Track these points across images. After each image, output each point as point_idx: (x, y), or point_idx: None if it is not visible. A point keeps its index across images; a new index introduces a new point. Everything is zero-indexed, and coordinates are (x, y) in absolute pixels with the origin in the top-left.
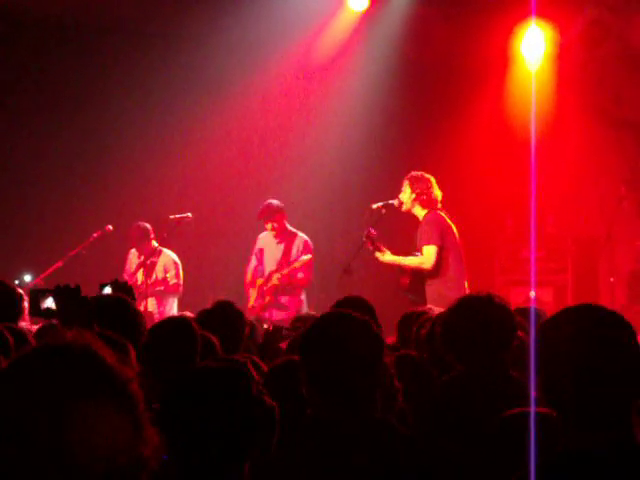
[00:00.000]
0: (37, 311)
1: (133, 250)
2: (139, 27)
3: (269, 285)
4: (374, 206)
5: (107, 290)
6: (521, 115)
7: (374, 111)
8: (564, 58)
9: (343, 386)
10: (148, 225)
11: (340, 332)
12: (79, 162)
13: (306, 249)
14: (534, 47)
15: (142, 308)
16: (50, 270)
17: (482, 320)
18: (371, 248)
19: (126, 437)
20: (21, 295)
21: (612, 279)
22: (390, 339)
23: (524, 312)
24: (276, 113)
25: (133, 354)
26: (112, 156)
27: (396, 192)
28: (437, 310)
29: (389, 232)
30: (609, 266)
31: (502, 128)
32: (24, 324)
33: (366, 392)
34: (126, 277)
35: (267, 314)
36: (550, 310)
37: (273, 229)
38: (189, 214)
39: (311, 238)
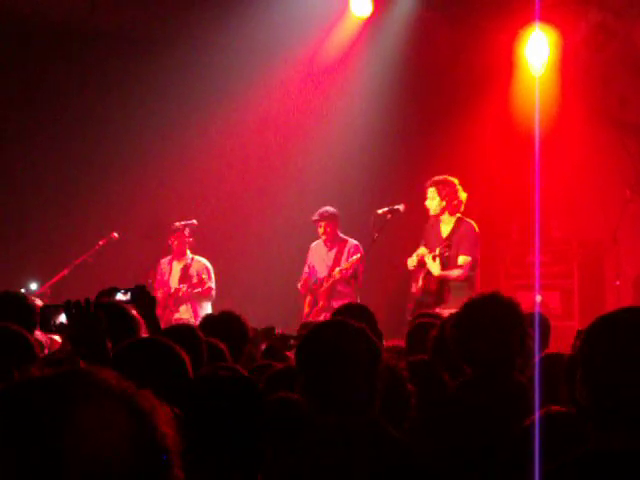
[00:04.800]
0: (48, 327)
1: (163, 260)
2: (141, 33)
3: (322, 289)
4: (379, 211)
5: (119, 296)
6: (525, 119)
7: (378, 116)
8: (568, 62)
9: (338, 393)
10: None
11: (336, 339)
12: (84, 170)
13: (356, 251)
14: (538, 51)
15: (178, 314)
16: (56, 278)
17: (488, 322)
18: (445, 254)
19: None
20: (36, 305)
21: (618, 282)
22: (392, 342)
23: (528, 318)
24: (280, 118)
25: None
26: (117, 164)
27: (402, 197)
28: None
29: (394, 237)
30: (615, 269)
31: (506, 132)
32: (38, 334)
33: (362, 398)
34: (157, 287)
35: (322, 318)
36: (557, 314)
37: (325, 233)
38: (194, 221)
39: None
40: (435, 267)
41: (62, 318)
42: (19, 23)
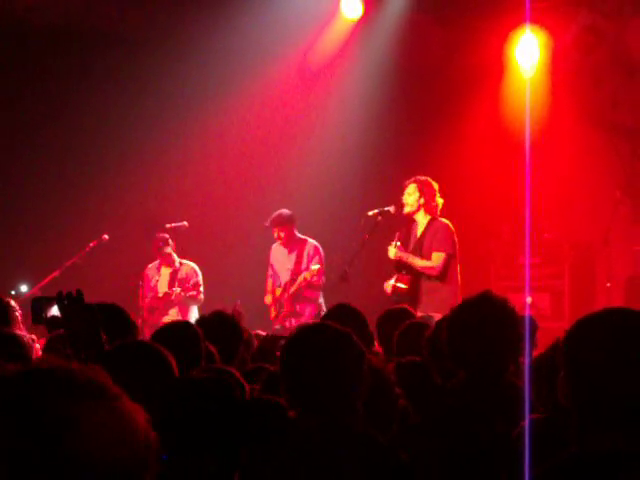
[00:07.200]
0: (40, 320)
1: (151, 265)
2: (135, 34)
3: (286, 296)
4: (370, 213)
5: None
6: (516, 121)
7: (370, 118)
8: (559, 64)
9: (321, 396)
10: (167, 235)
11: (319, 343)
12: (75, 171)
13: (315, 253)
14: (529, 53)
15: (168, 317)
16: (47, 280)
17: (480, 323)
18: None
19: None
20: (9, 304)
21: (609, 284)
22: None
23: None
24: (273, 121)
25: None
26: (109, 165)
27: (392, 198)
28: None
29: (384, 239)
30: (606, 271)
31: (497, 134)
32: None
33: (345, 402)
34: (147, 293)
35: (287, 323)
36: (546, 315)
37: (279, 237)
38: (185, 222)
39: None
40: (391, 251)
41: (53, 311)
42: (15, 23)
